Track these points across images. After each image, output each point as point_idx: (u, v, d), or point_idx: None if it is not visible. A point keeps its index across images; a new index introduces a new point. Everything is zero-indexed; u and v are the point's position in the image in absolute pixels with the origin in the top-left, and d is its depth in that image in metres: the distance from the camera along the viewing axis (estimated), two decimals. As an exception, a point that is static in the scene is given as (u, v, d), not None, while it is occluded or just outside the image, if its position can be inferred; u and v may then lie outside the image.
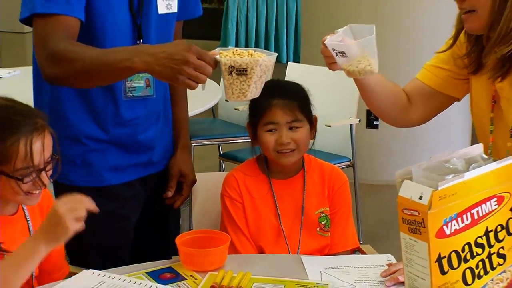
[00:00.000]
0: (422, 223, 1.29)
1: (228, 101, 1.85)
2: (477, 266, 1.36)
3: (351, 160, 3.94)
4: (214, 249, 1.97)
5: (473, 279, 1.36)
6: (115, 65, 1.84)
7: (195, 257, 1.95)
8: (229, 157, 4.12)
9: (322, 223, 2.20)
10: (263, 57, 1.75)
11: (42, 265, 1.92)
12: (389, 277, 1.88)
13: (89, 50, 1.92)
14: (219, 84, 3.97)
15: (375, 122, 4.98)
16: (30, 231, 1.89)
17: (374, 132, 5.04)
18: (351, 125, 3.92)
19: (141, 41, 2.11)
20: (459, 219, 1.32)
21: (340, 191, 2.23)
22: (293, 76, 3.93)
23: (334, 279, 1.89)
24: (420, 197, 1.29)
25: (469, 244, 1.35)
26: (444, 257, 1.32)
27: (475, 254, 1.36)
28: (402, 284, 1.81)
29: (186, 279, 1.89)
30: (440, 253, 1.31)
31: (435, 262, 1.31)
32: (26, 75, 2.69)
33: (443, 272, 1.32)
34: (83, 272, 1.90)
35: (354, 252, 2.24)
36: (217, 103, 4.24)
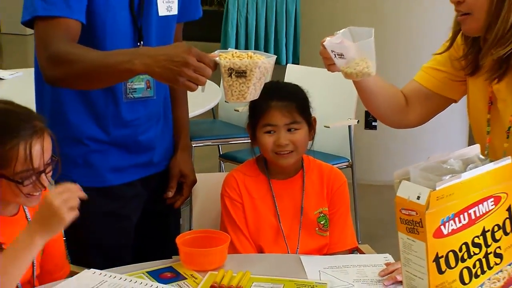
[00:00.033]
0: (420, 223, 1.29)
1: (228, 102, 1.86)
2: (474, 266, 1.36)
3: (350, 160, 3.94)
4: (214, 248, 1.97)
5: (470, 279, 1.36)
6: (115, 67, 1.84)
7: (195, 257, 1.95)
8: (229, 158, 4.11)
9: (321, 223, 2.21)
10: (262, 59, 1.75)
11: (43, 265, 1.94)
12: (387, 276, 1.89)
13: (90, 52, 1.92)
14: (219, 86, 3.95)
15: (373, 123, 4.97)
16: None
17: (373, 133, 5.03)
18: (349, 126, 3.92)
19: (142, 43, 2.11)
20: (457, 219, 1.33)
21: (339, 191, 2.24)
22: (292, 77, 3.95)
23: (332, 278, 1.90)
24: (418, 197, 1.29)
25: (466, 243, 1.35)
26: (442, 256, 1.32)
27: (472, 254, 1.36)
28: (400, 283, 1.81)
29: (186, 279, 1.90)
30: (437, 252, 1.31)
31: (433, 262, 1.31)
32: (28, 76, 2.70)
33: (440, 272, 1.32)
34: (84, 271, 1.91)
35: (353, 252, 2.24)
36: (217, 104, 4.22)
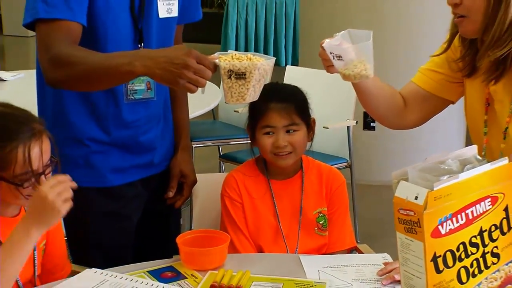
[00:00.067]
0: (418, 223, 1.29)
1: (227, 103, 1.87)
2: (471, 265, 1.36)
3: (348, 161, 3.95)
4: (214, 248, 1.98)
5: (468, 278, 1.36)
6: (116, 69, 1.84)
7: (196, 256, 1.96)
8: (229, 158, 4.12)
9: (320, 222, 2.22)
10: (261, 61, 1.75)
11: (45, 264, 1.95)
12: (385, 275, 1.90)
13: (91, 55, 1.92)
14: (219, 87, 3.95)
15: (371, 124, 4.98)
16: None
17: (371, 133, 5.03)
18: (348, 127, 3.93)
19: (142, 44, 2.11)
20: (454, 219, 1.32)
21: (337, 191, 2.24)
22: (291, 79, 3.95)
23: (331, 277, 1.91)
24: (416, 198, 1.29)
25: (463, 243, 1.35)
26: (439, 256, 1.32)
27: (469, 253, 1.36)
28: (398, 282, 1.82)
29: (186, 278, 1.90)
30: (435, 252, 1.31)
31: (431, 261, 1.31)
32: (30, 78, 2.69)
33: (438, 271, 1.32)
34: (85, 271, 1.92)
35: (351, 251, 2.25)
36: (217, 105, 4.22)
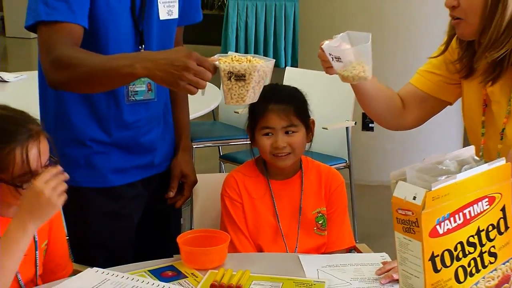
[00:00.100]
0: (416, 222, 1.30)
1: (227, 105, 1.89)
2: (469, 265, 1.36)
3: (347, 161, 3.97)
4: (214, 248, 1.99)
5: (465, 277, 1.36)
6: (117, 71, 1.85)
7: (196, 256, 1.97)
8: (229, 159, 4.13)
9: (319, 222, 2.22)
10: (261, 63, 1.76)
11: (46, 264, 1.95)
12: (384, 275, 1.91)
13: (92, 57, 1.93)
14: (219, 88, 3.95)
15: (370, 125, 4.98)
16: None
17: (370, 134, 5.04)
18: (347, 128, 3.94)
19: (143, 46, 2.12)
20: (452, 219, 1.33)
21: (336, 191, 2.25)
22: (291, 80, 3.98)
23: (330, 277, 1.91)
24: (414, 198, 1.29)
25: (461, 243, 1.35)
26: (437, 255, 1.32)
27: (467, 253, 1.36)
28: (396, 282, 1.83)
29: (187, 277, 1.91)
30: (433, 251, 1.31)
31: (429, 261, 1.31)
32: (32, 79, 2.70)
33: (436, 270, 1.32)
34: (87, 270, 1.92)
35: (350, 251, 2.26)
36: (217, 106, 4.23)
